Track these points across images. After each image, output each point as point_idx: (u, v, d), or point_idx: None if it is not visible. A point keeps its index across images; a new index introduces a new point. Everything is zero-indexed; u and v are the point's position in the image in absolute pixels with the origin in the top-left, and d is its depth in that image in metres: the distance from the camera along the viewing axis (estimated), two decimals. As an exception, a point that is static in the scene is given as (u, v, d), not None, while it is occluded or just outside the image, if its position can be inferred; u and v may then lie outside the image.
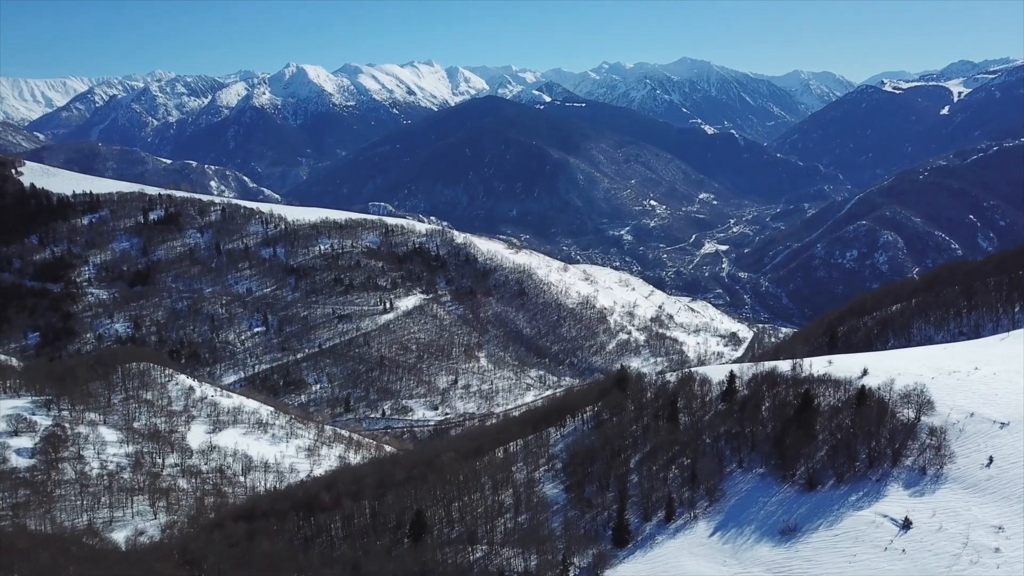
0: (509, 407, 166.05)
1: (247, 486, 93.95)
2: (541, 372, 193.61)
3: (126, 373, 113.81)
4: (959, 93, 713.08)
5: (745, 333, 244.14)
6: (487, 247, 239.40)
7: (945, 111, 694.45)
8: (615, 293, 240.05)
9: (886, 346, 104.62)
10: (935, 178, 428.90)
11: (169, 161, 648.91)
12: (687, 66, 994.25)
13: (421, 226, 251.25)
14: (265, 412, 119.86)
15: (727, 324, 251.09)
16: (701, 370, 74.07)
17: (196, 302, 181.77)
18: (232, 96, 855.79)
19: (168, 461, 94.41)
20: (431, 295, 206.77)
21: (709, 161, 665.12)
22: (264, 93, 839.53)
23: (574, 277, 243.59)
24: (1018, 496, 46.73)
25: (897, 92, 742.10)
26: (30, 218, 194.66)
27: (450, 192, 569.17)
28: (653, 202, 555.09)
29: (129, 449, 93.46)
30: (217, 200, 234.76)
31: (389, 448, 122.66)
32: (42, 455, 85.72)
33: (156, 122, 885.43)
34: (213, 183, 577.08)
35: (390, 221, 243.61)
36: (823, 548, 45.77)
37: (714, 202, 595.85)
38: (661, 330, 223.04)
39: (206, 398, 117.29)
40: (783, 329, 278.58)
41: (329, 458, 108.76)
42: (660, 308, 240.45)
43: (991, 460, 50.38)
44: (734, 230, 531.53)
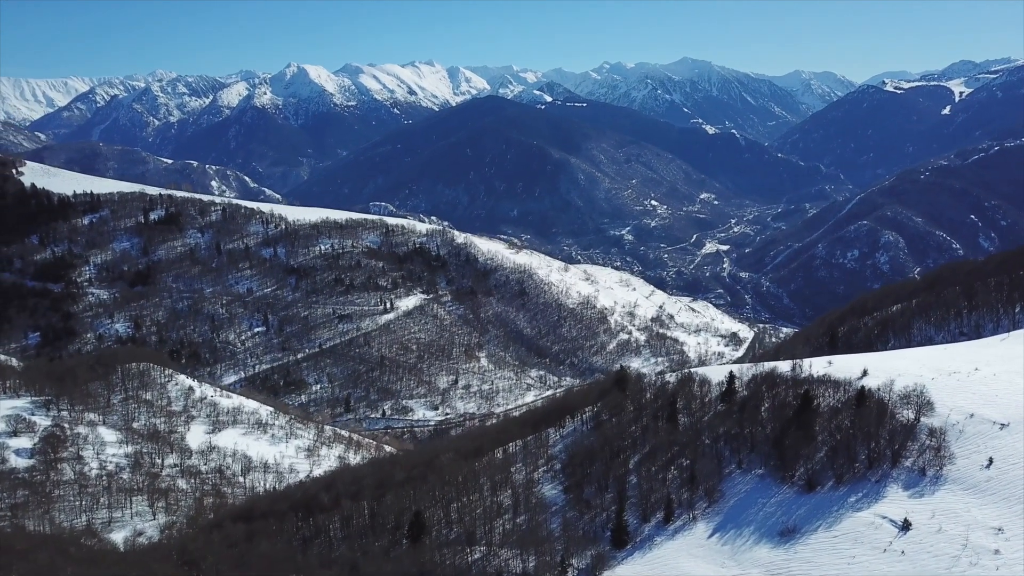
0: (509, 407, 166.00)
1: (246, 486, 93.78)
2: (542, 372, 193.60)
3: (126, 373, 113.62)
4: (960, 93, 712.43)
5: (746, 333, 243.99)
6: (487, 247, 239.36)
7: (946, 111, 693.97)
8: (616, 293, 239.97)
9: (886, 346, 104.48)
10: (936, 178, 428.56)
11: (170, 161, 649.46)
12: (688, 66, 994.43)
13: (421, 226, 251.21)
14: (265, 412, 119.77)
15: (728, 324, 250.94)
16: (700, 371, 73.91)
17: (196, 302, 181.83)
18: (233, 96, 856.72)
19: (167, 461, 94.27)
20: (431, 295, 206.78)
21: (710, 161, 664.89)
22: (265, 93, 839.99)
23: (575, 277, 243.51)
24: (1018, 498, 46.54)
25: (898, 92, 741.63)
26: (31, 218, 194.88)
27: (451, 192, 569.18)
28: (654, 202, 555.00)
29: (128, 449, 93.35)
30: (218, 200, 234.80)
31: (389, 448, 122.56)
32: (41, 455, 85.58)
33: (157, 122, 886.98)
34: (214, 183, 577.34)
35: (390, 221, 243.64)
36: (822, 549, 45.62)
37: (715, 202, 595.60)
38: (662, 330, 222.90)
39: (206, 398, 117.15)
40: (784, 329, 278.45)
41: (329, 458, 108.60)
42: (661, 308, 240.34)
43: (991, 461, 50.18)
44: (735, 230, 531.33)
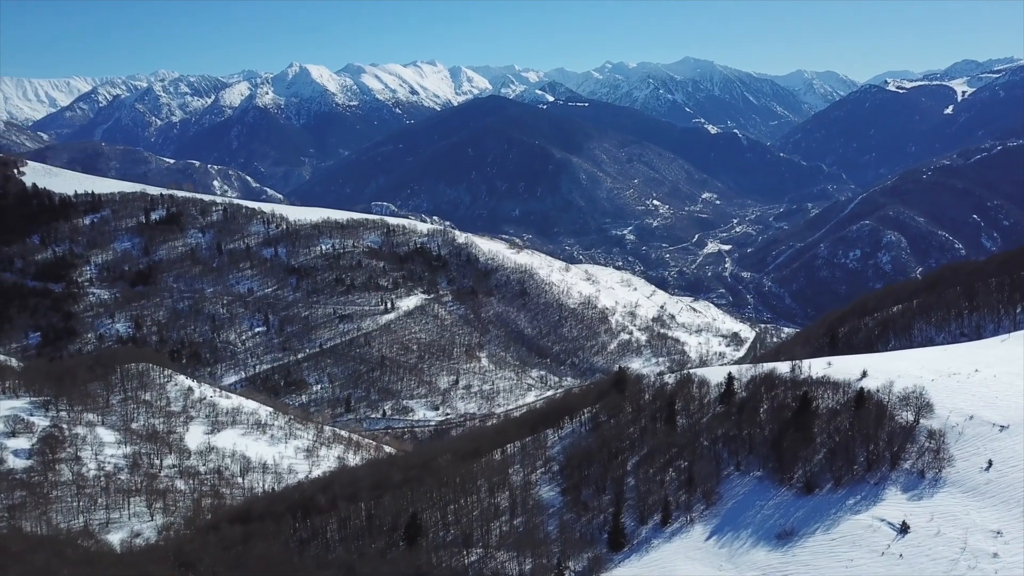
0: (510, 407, 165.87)
1: (245, 487, 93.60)
2: (542, 372, 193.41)
3: (125, 374, 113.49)
4: (963, 92, 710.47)
5: (747, 333, 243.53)
6: (488, 247, 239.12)
7: (949, 111, 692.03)
8: (617, 293, 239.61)
9: (887, 347, 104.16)
10: (939, 178, 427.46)
11: (172, 161, 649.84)
12: (690, 66, 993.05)
13: (422, 226, 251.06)
14: (264, 413, 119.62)
15: (729, 324, 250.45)
16: (699, 372, 73.60)
17: (197, 302, 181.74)
18: (235, 96, 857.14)
19: (166, 462, 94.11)
20: (432, 295, 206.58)
21: (712, 161, 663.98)
22: (267, 93, 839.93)
23: (576, 277, 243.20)
24: (1017, 500, 46.22)
25: (901, 92, 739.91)
26: (32, 218, 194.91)
27: (453, 192, 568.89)
28: (656, 202, 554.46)
29: (127, 450, 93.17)
30: (219, 200, 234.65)
31: (388, 449, 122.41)
32: (39, 456, 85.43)
33: (159, 122, 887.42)
34: (216, 183, 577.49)
35: (391, 221, 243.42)
36: (820, 552, 45.33)
37: (717, 202, 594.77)
38: (663, 330, 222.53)
39: (205, 399, 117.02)
40: (786, 329, 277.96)
41: (328, 459, 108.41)
42: (662, 308, 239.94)
43: (990, 464, 49.86)
44: (737, 230, 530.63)
